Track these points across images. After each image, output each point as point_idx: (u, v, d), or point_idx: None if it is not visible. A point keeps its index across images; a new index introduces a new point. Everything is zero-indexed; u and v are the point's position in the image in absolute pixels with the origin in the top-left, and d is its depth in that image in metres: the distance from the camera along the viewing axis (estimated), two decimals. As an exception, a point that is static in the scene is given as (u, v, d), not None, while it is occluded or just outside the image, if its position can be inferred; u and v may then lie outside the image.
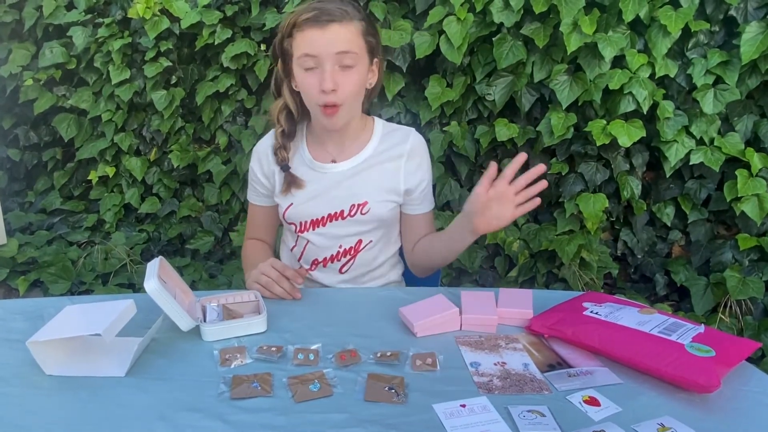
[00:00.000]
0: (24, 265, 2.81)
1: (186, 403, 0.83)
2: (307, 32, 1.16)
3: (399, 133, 1.33)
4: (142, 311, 0.99)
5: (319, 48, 1.15)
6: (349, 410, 0.81)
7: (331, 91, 1.16)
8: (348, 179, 1.30)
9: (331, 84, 1.15)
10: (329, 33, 1.15)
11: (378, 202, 1.30)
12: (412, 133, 1.34)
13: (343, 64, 1.17)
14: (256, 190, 1.41)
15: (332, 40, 1.15)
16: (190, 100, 2.97)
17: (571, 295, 1.13)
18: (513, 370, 0.91)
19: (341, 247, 1.33)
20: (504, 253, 2.53)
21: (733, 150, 2.17)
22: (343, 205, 1.30)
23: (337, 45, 1.15)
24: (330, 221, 1.31)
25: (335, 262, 1.34)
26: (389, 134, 1.33)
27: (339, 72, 1.17)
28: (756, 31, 2.05)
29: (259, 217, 1.44)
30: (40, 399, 0.84)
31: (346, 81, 1.18)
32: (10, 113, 3.27)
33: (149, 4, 2.75)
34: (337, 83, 1.16)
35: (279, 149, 1.33)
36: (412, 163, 1.31)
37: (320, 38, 1.15)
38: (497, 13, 2.26)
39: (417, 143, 1.32)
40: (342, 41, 1.15)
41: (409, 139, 1.32)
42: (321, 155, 1.33)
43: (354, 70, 1.18)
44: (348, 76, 1.18)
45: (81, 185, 3.33)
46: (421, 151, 1.33)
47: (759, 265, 2.21)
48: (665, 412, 0.79)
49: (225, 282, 2.71)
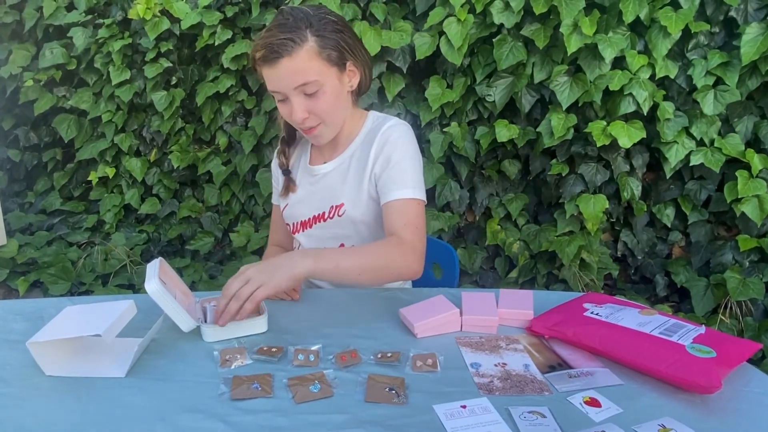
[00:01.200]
0: (24, 266, 2.81)
1: (186, 403, 0.83)
2: (264, 70, 1.15)
3: (381, 122, 1.28)
4: (142, 312, 0.99)
5: (278, 85, 1.15)
6: (349, 411, 0.81)
7: (302, 120, 1.17)
8: (330, 179, 1.30)
9: (300, 115, 1.16)
10: (281, 70, 1.12)
11: (354, 202, 1.26)
12: (392, 119, 1.28)
13: (307, 92, 1.15)
14: (276, 189, 1.44)
15: (286, 75, 1.13)
16: (190, 100, 2.98)
17: (572, 296, 1.13)
18: (514, 371, 0.90)
19: None
20: (504, 254, 2.53)
21: (734, 151, 2.17)
22: (324, 206, 1.30)
23: (292, 80, 1.13)
24: (315, 223, 1.32)
25: None
26: (374, 126, 1.29)
27: (306, 100, 1.16)
28: (756, 32, 2.05)
29: (279, 219, 1.45)
30: (40, 400, 0.84)
31: (316, 105, 1.17)
32: (11, 114, 3.28)
33: (149, 5, 2.75)
34: (308, 110, 1.17)
35: (279, 154, 1.37)
36: (383, 145, 1.23)
37: (275, 76, 1.14)
38: (497, 14, 2.26)
39: (393, 126, 1.25)
40: (296, 75, 1.13)
41: (386, 124, 1.26)
42: (317, 157, 1.35)
43: (320, 92, 1.16)
44: (316, 100, 1.16)
45: (81, 186, 3.34)
46: (395, 134, 1.24)
47: (759, 266, 2.21)
48: (666, 413, 0.79)
49: (225, 283, 2.70)
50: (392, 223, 1.18)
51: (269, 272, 0.98)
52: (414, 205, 1.20)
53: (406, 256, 1.13)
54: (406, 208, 1.19)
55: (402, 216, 1.18)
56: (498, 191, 2.58)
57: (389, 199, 1.20)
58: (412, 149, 1.24)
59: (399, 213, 1.18)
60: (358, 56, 1.22)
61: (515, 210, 2.49)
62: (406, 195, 1.19)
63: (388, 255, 1.11)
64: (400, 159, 1.21)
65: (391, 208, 1.19)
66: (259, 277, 0.97)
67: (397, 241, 1.14)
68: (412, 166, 1.22)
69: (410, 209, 1.19)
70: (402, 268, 1.12)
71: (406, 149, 1.23)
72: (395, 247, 1.13)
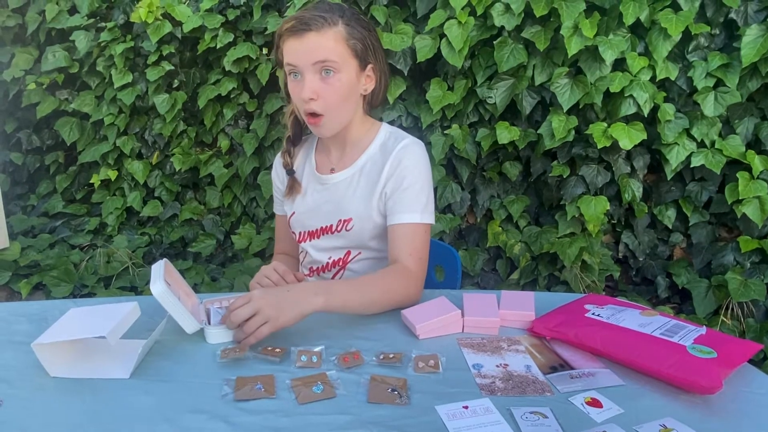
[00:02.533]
0: (26, 269, 2.82)
1: (190, 404, 0.83)
2: (288, 42, 1.16)
3: (395, 139, 1.27)
4: (146, 314, 1.00)
5: (298, 58, 1.15)
6: (352, 412, 0.81)
7: (309, 99, 1.16)
8: (339, 190, 1.29)
9: (309, 93, 1.15)
10: (306, 42, 1.14)
11: (362, 218, 1.26)
12: (407, 138, 1.27)
13: (324, 72, 1.15)
14: (277, 199, 1.44)
15: (309, 49, 1.14)
16: (192, 103, 2.99)
17: (573, 298, 1.14)
18: (515, 372, 0.91)
19: (330, 258, 1.33)
20: (505, 255, 2.53)
21: (734, 152, 2.17)
22: (332, 219, 1.30)
23: (314, 54, 1.14)
24: (323, 234, 1.32)
25: (326, 272, 1.35)
26: (387, 141, 1.28)
27: (320, 81, 1.16)
28: (756, 33, 2.05)
29: (283, 228, 1.44)
30: (44, 401, 0.84)
31: (327, 90, 1.16)
32: (13, 117, 3.29)
33: (151, 8, 2.76)
34: (318, 92, 1.16)
35: (284, 153, 1.36)
36: (396, 165, 1.22)
37: (298, 48, 1.15)
38: (498, 17, 2.27)
39: (408, 146, 1.24)
40: (319, 50, 1.14)
41: (401, 142, 1.25)
42: (324, 164, 1.34)
43: (335, 77, 1.16)
44: (329, 84, 1.16)
45: (83, 189, 3.35)
46: (410, 155, 1.23)
47: (760, 267, 2.21)
48: (667, 414, 0.79)
49: (227, 285, 2.71)
50: (398, 249, 1.19)
51: (278, 308, 0.96)
52: (421, 232, 1.21)
53: (408, 288, 1.15)
54: (413, 236, 1.20)
55: (408, 244, 1.19)
56: (499, 193, 2.58)
57: (397, 221, 1.21)
58: (425, 172, 1.24)
59: (405, 240, 1.19)
60: (378, 61, 1.24)
61: (516, 212, 2.50)
62: (414, 220, 1.20)
63: (392, 287, 1.13)
64: (413, 182, 1.21)
65: (397, 231, 1.20)
66: (268, 311, 0.96)
67: (402, 272, 1.16)
68: (423, 189, 1.23)
69: (417, 237, 1.20)
70: (403, 298, 1.13)
71: (419, 172, 1.23)
72: (400, 278, 1.15)
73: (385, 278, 1.14)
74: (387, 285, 1.12)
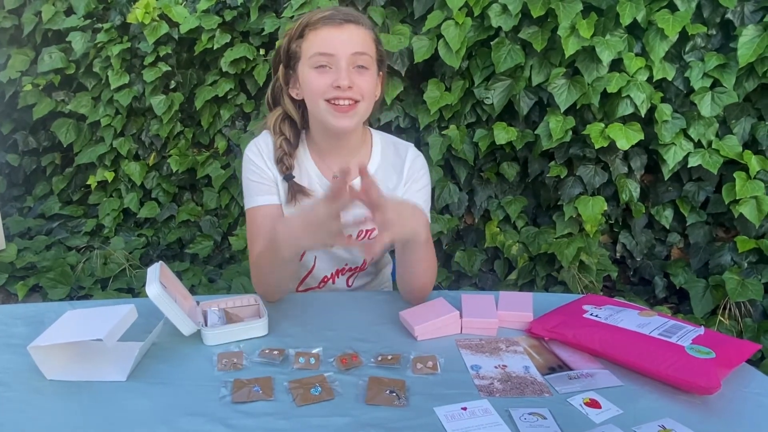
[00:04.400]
0: (23, 270, 2.81)
1: (187, 407, 0.83)
2: (322, 31, 1.13)
3: (396, 149, 1.28)
4: (143, 316, 0.99)
5: (336, 46, 1.12)
6: (350, 413, 0.81)
7: (347, 87, 1.11)
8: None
9: (348, 81, 1.10)
10: (346, 32, 1.12)
11: None
12: (410, 145, 1.29)
13: (358, 65, 1.13)
14: (265, 188, 1.22)
15: (349, 39, 1.12)
16: (189, 104, 2.98)
17: (571, 298, 1.14)
18: (514, 373, 0.91)
19: (346, 265, 1.32)
20: (503, 256, 2.53)
21: (731, 152, 2.17)
22: (351, 230, 1.23)
23: (354, 45, 1.12)
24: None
25: (340, 276, 1.33)
26: (387, 148, 1.28)
27: (355, 72, 1.13)
28: (753, 34, 2.06)
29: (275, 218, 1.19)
30: (41, 404, 0.84)
31: (361, 81, 1.13)
32: (9, 118, 3.28)
33: (148, 9, 2.75)
34: (353, 82, 1.12)
35: (284, 157, 1.22)
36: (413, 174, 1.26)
37: (337, 37, 1.12)
38: (495, 18, 2.27)
39: (418, 156, 1.29)
40: (359, 42, 1.13)
41: (409, 152, 1.28)
42: (324, 172, 1.25)
43: (368, 72, 1.15)
44: (363, 76, 1.14)
45: (80, 190, 3.34)
46: (421, 163, 1.29)
47: (758, 267, 2.22)
48: (666, 414, 0.79)
49: (224, 286, 2.70)
50: None
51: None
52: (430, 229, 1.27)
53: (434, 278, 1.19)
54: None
55: None
56: (497, 193, 2.58)
57: None
58: (429, 176, 1.32)
59: None
60: (385, 75, 1.26)
61: (514, 212, 2.50)
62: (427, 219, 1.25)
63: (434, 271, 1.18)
64: (425, 184, 1.28)
65: None
66: None
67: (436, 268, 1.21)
68: (430, 191, 1.31)
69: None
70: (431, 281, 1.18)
71: (428, 178, 1.30)
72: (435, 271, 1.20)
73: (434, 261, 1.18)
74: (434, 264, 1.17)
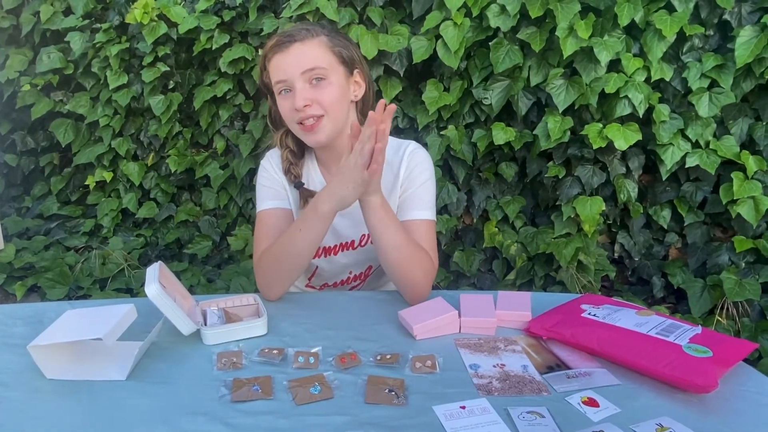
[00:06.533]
0: (21, 271, 2.80)
1: (187, 406, 0.83)
2: (273, 59, 1.18)
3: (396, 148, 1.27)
4: (142, 315, 0.99)
5: (286, 71, 1.16)
6: (349, 412, 0.81)
7: (304, 107, 1.15)
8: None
9: (302, 101, 1.14)
10: (293, 54, 1.15)
11: None
12: (410, 142, 1.28)
13: (313, 80, 1.16)
14: (275, 192, 1.28)
15: (296, 60, 1.15)
16: (187, 104, 2.98)
17: (569, 298, 1.14)
18: (512, 372, 0.91)
19: (351, 273, 1.32)
20: (502, 256, 2.54)
21: (729, 153, 2.18)
22: (353, 234, 1.28)
23: (301, 64, 1.15)
24: (341, 250, 1.30)
25: (344, 285, 1.34)
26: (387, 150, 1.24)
27: (311, 89, 1.16)
28: (750, 34, 2.07)
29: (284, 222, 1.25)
30: (41, 403, 0.84)
31: (320, 94, 1.16)
32: (8, 118, 3.27)
33: (147, 9, 2.75)
34: (311, 99, 1.15)
35: (291, 167, 1.27)
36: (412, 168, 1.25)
37: (284, 61, 1.16)
38: (494, 18, 2.27)
39: (418, 149, 1.27)
40: (306, 59, 1.15)
41: (408, 147, 1.26)
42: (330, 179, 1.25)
43: (326, 82, 1.16)
44: (322, 90, 1.16)
45: (78, 190, 3.33)
46: (421, 156, 1.26)
47: (755, 267, 2.22)
48: (663, 413, 0.79)
49: (223, 286, 2.71)
50: None
51: None
52: (432, 229, 1.24)
53: (427, 276, 1.16)
54: (429, 233, 1.23)
55: (427, 240, 1.21)
56: (495, 194, 2.59)
57: (411, 217, 1.22)
58: (433, 172, 1.28)
59: (423, 235, 1.21)
60: (364, 70, 1.25)
61: (512, 212, 2.50)
62: (426, 216, 1.23)
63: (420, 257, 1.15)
64: (425, 180, 1.25)
65: (412, 226, 1.21)
66: None
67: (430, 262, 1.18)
68: (432, 188, 1.26)
69: (430, 233, 1.23)
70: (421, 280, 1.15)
71: (430, 172, 1.27)
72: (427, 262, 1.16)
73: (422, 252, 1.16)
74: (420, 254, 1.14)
